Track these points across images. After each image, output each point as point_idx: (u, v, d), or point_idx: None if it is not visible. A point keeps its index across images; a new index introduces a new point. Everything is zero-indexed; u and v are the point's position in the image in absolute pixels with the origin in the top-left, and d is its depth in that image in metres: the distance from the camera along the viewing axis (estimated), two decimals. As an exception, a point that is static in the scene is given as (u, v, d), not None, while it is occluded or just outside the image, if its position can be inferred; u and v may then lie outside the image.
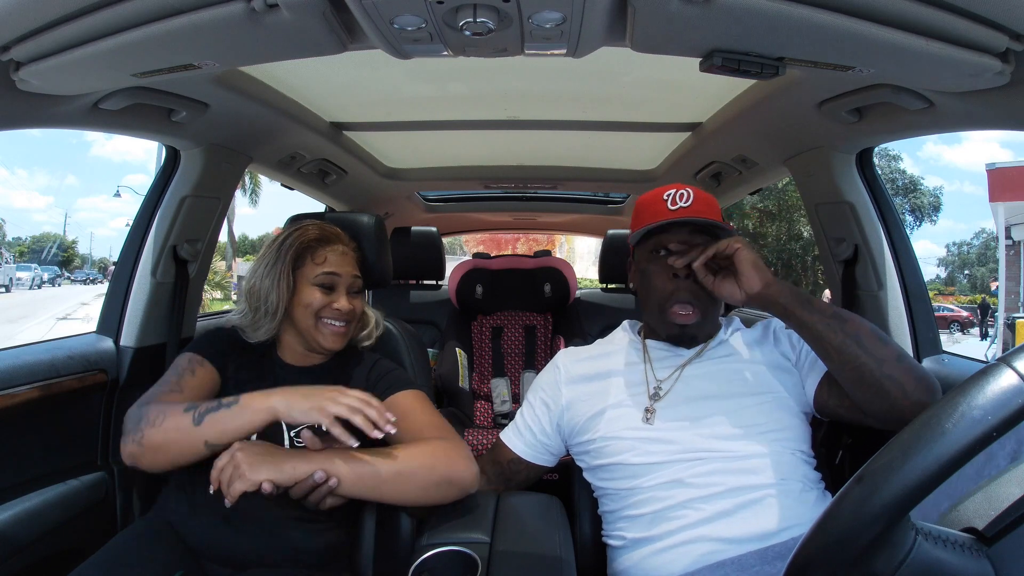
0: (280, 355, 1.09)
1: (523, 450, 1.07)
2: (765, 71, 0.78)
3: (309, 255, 1.05)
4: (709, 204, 1.02)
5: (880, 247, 1.31)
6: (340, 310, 1.04)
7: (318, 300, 1.03)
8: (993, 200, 11.03)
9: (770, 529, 0.86)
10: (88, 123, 1.08)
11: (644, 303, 1.05)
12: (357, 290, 1.09)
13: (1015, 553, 0.42)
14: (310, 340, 1.05)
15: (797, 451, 0.94)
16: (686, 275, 0.99)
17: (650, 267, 1.02)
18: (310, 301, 1.03)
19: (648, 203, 1.04)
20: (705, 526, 0.87)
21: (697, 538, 0.87)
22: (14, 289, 22.49)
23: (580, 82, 1.40)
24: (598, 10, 0.70)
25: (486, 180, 2.35)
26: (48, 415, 1.18)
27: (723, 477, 0.89)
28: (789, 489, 0.89)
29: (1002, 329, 10.65)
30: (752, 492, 0.88)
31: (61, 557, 1.13)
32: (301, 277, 1.04)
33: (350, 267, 1.07)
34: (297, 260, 1.05)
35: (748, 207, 16.45)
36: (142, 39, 0.75)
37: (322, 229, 1.09)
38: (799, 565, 0.44)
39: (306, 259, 1.05)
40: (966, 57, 0.71)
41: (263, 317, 1.04)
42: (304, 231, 1.07)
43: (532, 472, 1.09)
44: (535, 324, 2.49)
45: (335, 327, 1.04)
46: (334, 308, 1.04)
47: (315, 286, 1.04)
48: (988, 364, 0.41)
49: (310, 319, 1.03)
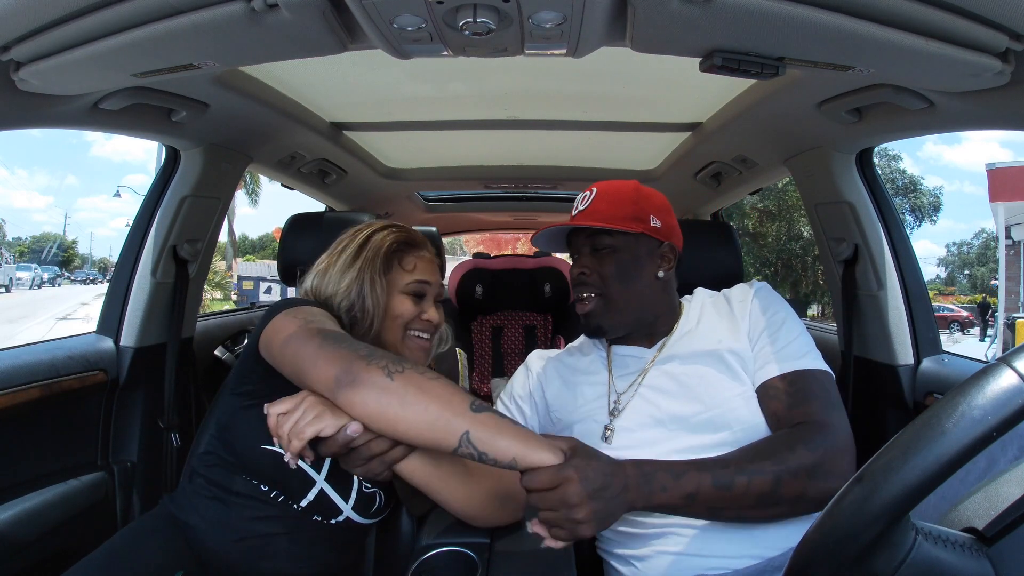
0: None
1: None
2: (765, 71, 0.78)
3: (397, 260, 0.96)
4: (612, 202, 0.97)
5: (880, 247, 1.31)
6: (431, 321, 0.96)
7: (409, 310, 0.94)
8: (993, 200, 11.04)
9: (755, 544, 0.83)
10: (88, 123, 1.08)
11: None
12: (442, 300, 1.01)
13: (1015, 553, 0.42)
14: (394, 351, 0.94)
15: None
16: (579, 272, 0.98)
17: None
18: (401, 312, 0.94)
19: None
20: (687, 547, 0.84)
21: (683, 558, 0.85)
22: (14, 289, 22.51)
23: (580, 82, 1.40)
24: (598, 10, 0.70)
25: (486, 180, 2.35)
26: (48, 415, 1.18)
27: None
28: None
29: (1002, 329, 10.65)
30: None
31: (61, 557, 1.13)
32: (390, 284, 0.94)
33: (437, 275, 1.00)
34: (385, 265, 0.95)
35: (748, 207, 16.44)
36: (142, 39, 0.75)
37: (407, 232, 0.99)
38: (799, 565, 0.44)
39: (393, 264, 0.96)
40: (966, 57, 0.71)
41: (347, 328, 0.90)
42: (388, 232, 0.97)
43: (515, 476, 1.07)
44: (535, 324, 2.49)
45: (423, 340, 0.96)
46: (424, 319, 0.96)
47: (405, 295, 0.95)
48: (988, 364, 0.41)
49: (399, 331, 0.94)
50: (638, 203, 0.97)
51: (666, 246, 0.99)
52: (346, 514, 0.88)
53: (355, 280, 0.92)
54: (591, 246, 0.98)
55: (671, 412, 0.90)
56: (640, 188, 1.00)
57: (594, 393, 0.99)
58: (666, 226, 0.99)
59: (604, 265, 0.96)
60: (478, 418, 0.68)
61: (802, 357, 0.89)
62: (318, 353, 0.73)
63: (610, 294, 0.96)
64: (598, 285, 0.96)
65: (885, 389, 1.33)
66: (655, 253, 0.98)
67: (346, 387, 0.70)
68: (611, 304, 0.96)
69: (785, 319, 0.93)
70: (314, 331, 0.77)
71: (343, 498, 0.87)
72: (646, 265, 0.97)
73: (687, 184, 1.96)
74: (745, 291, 0.98)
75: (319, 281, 0.95)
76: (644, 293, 0.97)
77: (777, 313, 0.94)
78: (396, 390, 0.69)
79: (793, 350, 0.90)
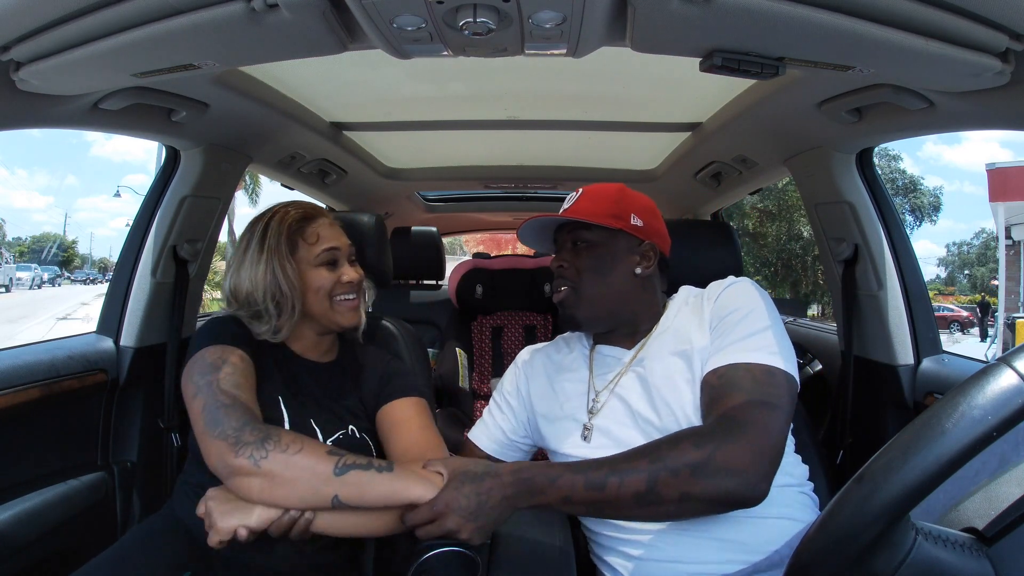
0: (292, 347, 1.02)
1: (492, 448, 1.07)
2: (765, 71, 0.78)
3: (299, 237, 0.99)
4: (594, 200, 0.99)
5: (880, 247, 1.31)
6: (351, 282, 1.00)
7: (326, 280, 0.98)
8: (993, 200, 11.03)
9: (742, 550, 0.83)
10: (88, 123, 1.08)
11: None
12: (355, 256, 1.05)
13: (1015, 553, 0.42)
14: (328, 324, 1.00)
15: None
16: (557, 265, 1.01)
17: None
18: (319, 284, 0.98)
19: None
20: (674, 554, 0.84)
21: (669, 564, 0.84)
22: (14, 289, 22.50)
23: (580, 82, 1.40)
24: (598, 10, 0.70)
25: (486, 180, 2.35)
26: (48, 415, 1.18)
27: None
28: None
29: (1002, 329, 10.65)
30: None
31: (61, 557, 1.13)
32: (300, 262, 0.98)
33: (343, 236, 1.03)
34: (289, 246, 0.98)
35: (748, 207, 16.44)
36: (142, 39, 0.75)
37: (300, 207, 1.03)
38: (799, 565, 0.44)
39: (297, 242, 0.99)
40: (966, 57, 0.71)
41: (275, 316, 0.96)
42: (283, 215, 1.00)
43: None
44: (535, 324, 2.49)
45: (349, 301, 1.00)
46: (344, 282, 0.99)
47: (318, 267, 0.98)
48: (988, 364, 0.41)
49: (324, 302, 0.98)
50: (620, 202, 0.99)
51: (646, 245, 0.99)
52: None
53: (266, 271, 0.95)
54: (572, 241, 1.01)
55: (642, 415, 0.91)
56: (625, 189, 1.02)
57: (575, 391, 1.00)
58: (649, 226, 1.00)
59: (580, 259, 0.98)
60: (344, 479, 0.76)
61: (748, 351, 0.84)
62: (202, 439, 0.82)
63: (582, 287, 0.97)
64: (572, 278, 0.98)
65: (885, 389, 1.33)
66: (634, 251, 0.99)
67: (228, 479, 0.79)
68: (582, 296, 0.97)
69: (748, 314, 0.88)
70: (199, 411, 0.84)
71: None
72: (623, 261, 0.98)
73: (687, 184, 1.96)
74: (719, 285, 0.95)
75: (235, 281, 0.98)
76: (619, 288, 0.98)
77: (741, 308, 0.89)
78: (267, 474, 0.76)
79: (741, 344, 0.85)
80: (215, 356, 0.89)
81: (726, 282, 0.95)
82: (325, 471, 0.76)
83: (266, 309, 0.96)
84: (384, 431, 0.99)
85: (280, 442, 0.78)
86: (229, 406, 0.82)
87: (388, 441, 0.98)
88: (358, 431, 0.99)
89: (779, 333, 0.86)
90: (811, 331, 1.92)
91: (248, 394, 0.87)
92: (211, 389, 0.85)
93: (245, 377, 0.89)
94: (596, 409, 0.96)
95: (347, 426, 0.98)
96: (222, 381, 0.85)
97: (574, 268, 0.98)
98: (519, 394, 1.07)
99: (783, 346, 0.85)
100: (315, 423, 0.95)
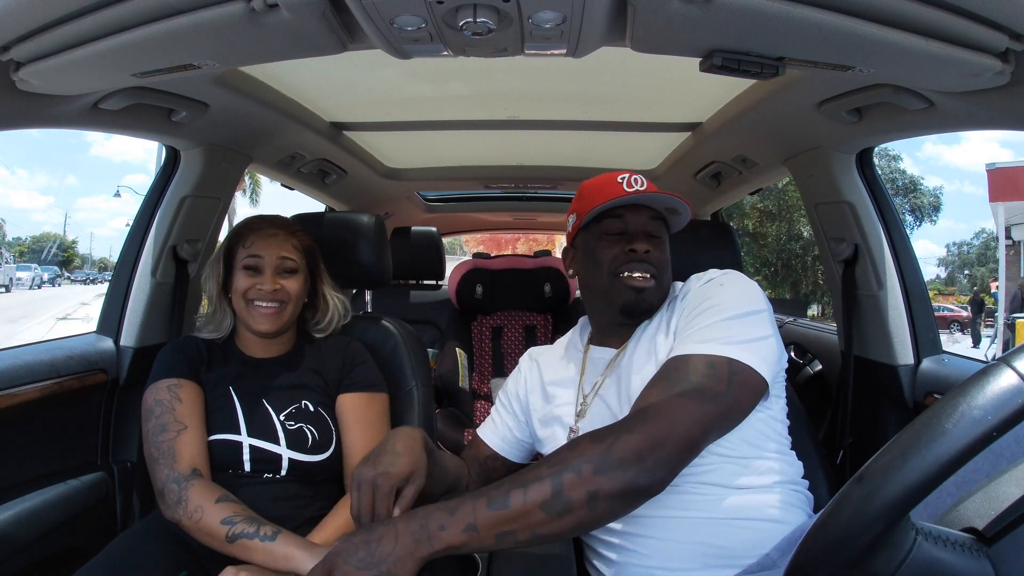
0: (240, 347, 1.11)
1: (500, 446, 1.06)
2: (765, 71, 0.78)
3: (240, 243, 1.07)
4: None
5: (880, 247, 1.31)
6: (263, 290, 1.04)
7: (244, 283, 1.04)
8: (993, 200, 11.04)
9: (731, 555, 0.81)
10: (88, 123, 1.08)
11: (590, 281, 0.98)
12: (289, 271, 1.07)
13: (1015, 553, 0.42)
14: (246, 325, 1.07)
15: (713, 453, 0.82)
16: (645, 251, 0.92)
17: (599, 243, 0.95)
18: (238, 286, 1.05)
19: (600, 185, 0.97)
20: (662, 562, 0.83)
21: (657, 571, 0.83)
22: (14, 289, 22.48)
23: (580, 82, 1.40)
24: (598, 10, 0.70)
25: (486, 180, 2.35)
26: (48, 415, 1.18)
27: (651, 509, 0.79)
28: (726, 502, 0.82)
29: (1002, 329, 10.65)
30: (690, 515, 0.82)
31: (61, 557, 1.13)
32: (234, 266, 1.06)
33: (277, 249, 1.06)
34: (230, 251, 1.07)
35: (748, 207, 16.44)
36: (142, 39, 0.75)
37: (257, 218, 1.10)
38: (799, 565, 0.44)
39: (236, 248, 1.07)
40: (966, 57, 0.71)
41: (213, 315, 1.09)
42: (240, 223, 1.10)
43: (511, 469, 1.06)
44: (535, 324, 2.49)
45: (263, 308, 1.04)
46: (258, 289, 1.04)
47: (242, 270, 1.05)
48: (988, 364, 0.41)
49: (241, 303, 1.05)
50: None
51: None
52: (286, 456, 1.00)
53: (210, 272, 1.09)
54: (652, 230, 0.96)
55: (618, 417, 0.87)
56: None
57: (566, 395, 1.00)
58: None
59: (660, 248, 0.95)
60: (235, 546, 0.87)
61: (697, 343, 0.80)
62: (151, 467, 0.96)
63: (661, 277, 0.94)
64: (659, 266, 0.94)
65: (885, 389, 1.33)
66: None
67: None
68: (662, 286, 0.95)
69: (713, 305, 0.83)
70: (149, 446, 0.96)
71: (273, 442, 1.00)
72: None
73: (687, 184, 1.97)
74: (699, 278, 0.93)
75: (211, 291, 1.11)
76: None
77: (709, 299, 0.85)
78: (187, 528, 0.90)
79: (694, 335, 0.81)
80: (152, 400, 1.00)
81: (707, 274, 0.92)
82: (220, 537, 0.88)
83: (210, 308, 1.09)
84: (339, 419, 1.08)
85: (187, 507, 0.90)
86: (156, 459, 0.95)
87: (340, 431, 1.07)
88: (312, 404, 1.06)
89: (747, 323, 0.82)
90: (811, 331, 1.92)
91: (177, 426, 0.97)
92: (148, 440, 0.97)
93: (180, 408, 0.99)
94: (583, 412, 0.96)
95: (300, 401, 1.06)
96: (153, 431, 0.97)
97: (658, 255, 0.94)
98: (519, 398, 1.07)
99: (745, 335, 0.80)
100: (267, 402, 1.04)
